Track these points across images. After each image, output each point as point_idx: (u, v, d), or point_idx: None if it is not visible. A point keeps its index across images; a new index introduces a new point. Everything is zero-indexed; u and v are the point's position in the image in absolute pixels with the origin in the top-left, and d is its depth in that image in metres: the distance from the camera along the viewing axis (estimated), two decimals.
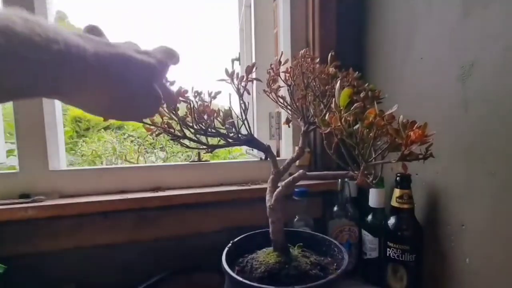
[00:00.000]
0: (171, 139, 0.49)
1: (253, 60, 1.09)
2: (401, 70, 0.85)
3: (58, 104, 0.87)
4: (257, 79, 0.53)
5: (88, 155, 1.38)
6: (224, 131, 0.49)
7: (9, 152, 1.11)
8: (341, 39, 0.99)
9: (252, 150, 1.10)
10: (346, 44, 0.99)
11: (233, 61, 1.60)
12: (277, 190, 0.51)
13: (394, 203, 0.77)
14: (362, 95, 0.31)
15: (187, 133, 0.49)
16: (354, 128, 0.30)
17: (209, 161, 1.00)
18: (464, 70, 0.67)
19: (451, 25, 0.70)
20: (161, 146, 1.49)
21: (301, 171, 0.48)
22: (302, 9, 1.02)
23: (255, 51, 1.07)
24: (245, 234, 0.60)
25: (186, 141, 0.51)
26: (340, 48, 0.96)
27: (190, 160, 1.02)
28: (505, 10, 0.58)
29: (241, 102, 0.48)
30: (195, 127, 0.47)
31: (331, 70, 0.46)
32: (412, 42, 0.81)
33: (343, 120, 0.30)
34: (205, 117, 0.48)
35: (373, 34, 0.97)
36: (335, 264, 0.54)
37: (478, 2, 0.63)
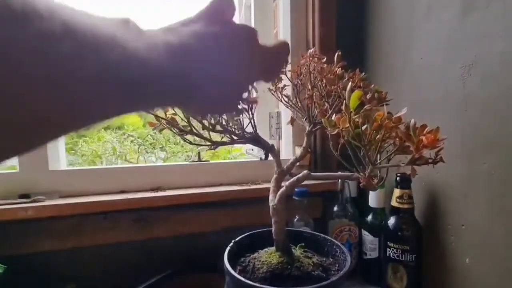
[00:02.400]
0: (176, 133, 0.49)
1: None
2: (402, 70, 0.86)
3: None
4: None
5: (88, 155, 1.37)
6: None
7: None
8: (341, 39, 0.99)
9: (252, 150, 1.10)
10: (346, 44, 0.99)
11: None
12: (281, 190, 0.51)
13: (394, 203, 0.77)
14: (368, 96, 0.31)
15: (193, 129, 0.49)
16: (362, 129, 0.30)
17: (209, 161, 1.00)
18: (464, 70, 0.67)
19: (451, 25, 0.70)
20: (161, 146, 1.48)
21: (305, 171, 0.49)
22: (302, 9, 1.02)
23: None
24: (247, 233, 0.60)
25: (190, 138, 0.50)
26: (340, 48, 0.96)
27: (190, 160, 1.02)
28: (505, 10, 0.59)
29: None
30: (203, 122, 0.47)
31: (338, 70, 0.47)
32: (412, 42, 0.81)
33: (352, 122, 0.30)
34: None
35: (373, 34, 0.97)
36: (337, 265, 0.54)
37: (477, 2, 0.64)
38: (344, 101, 0.31)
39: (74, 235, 0.79)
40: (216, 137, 0.51)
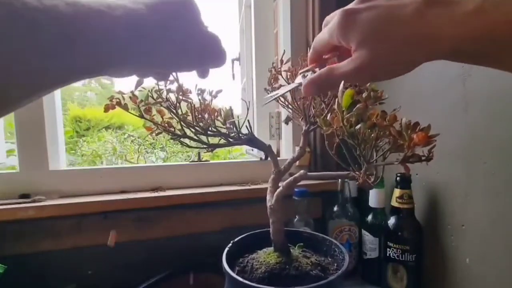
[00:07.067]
0: (171, 139, 0.49)
1: (253, 60, 1.09)
2: None
3: (58, 104, 0.87)
4: None
5: (88, 155, 1.38)
6: (225, 131, 0.49)
7: (9, 152, 1.11)
8: None
9: (252, 150, 1.10)
10: None
11: (233, 61, 1.59)
12: (278, 190, 0.51)
13: (394, 203, 0.77)
14: (364, 95, 0.31)
15: (188, 132, 0.49)
16: (356, 128, 0.30)
17: (209, 161, 1.00)
18: (464, 70, 0.67)
19: None
20: (161, 146, 1.49)
21: (302, 171, 0.48)
22: (302, 9, 1.02)
23: (255, 51, 1.07)
24: (246, 234, 0.60)
25: (186, 140, 0.51)
26: None
27: (190, 160, 1.02)
28: None
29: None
30: (196, 126, 0.47)
31: None
32: None
33: (345, 121, 0.30)
34: (206, 116, 0.48)
35: None
36: (335, 265, 0.54)
37: None
38: (337, 100, 0.31)
39: (74, 235, 0.79)
40: (214, 139, 0.51)
